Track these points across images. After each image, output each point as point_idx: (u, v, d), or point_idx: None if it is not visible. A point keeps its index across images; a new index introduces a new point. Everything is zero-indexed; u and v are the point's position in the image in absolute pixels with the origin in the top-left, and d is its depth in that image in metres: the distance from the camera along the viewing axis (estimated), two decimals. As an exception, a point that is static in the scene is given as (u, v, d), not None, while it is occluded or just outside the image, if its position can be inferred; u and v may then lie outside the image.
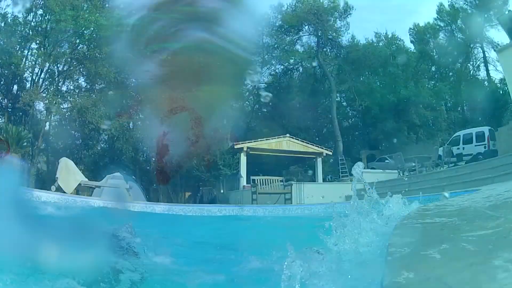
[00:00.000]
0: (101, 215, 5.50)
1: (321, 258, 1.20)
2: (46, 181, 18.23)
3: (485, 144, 15.17)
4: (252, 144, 15.85)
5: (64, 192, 8.15)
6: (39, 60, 19.08)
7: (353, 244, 1.28)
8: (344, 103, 30.77)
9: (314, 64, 26.95)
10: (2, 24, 18.71)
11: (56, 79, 20.45)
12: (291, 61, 28.65)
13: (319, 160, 17.33)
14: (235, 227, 5.49)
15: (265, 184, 11.45)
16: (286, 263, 1.12)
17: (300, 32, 26.83)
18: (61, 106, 20.26)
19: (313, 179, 19.37)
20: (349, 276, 1.15)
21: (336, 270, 1.16)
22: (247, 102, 31.48)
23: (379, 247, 1.17)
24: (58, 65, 20.54)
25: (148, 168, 22.44)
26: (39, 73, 19.64)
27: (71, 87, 21.41)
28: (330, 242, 1.39)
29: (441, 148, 14.33)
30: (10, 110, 19.32)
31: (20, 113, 19.07)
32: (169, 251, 2.70)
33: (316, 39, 26.43)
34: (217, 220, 6.02)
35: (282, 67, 29.39)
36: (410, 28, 31.92)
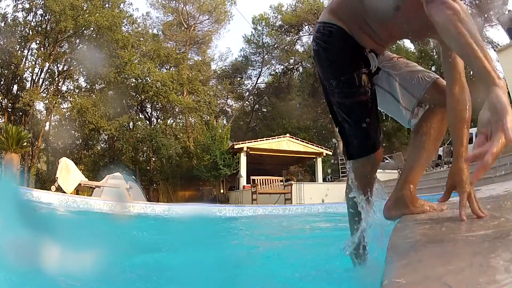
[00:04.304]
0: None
1: None
2: (46, 181, 18.25)
3: (485, 144, 15.14)
4: (252, 144, 15.85)
5: (64, 192, 8.15)
6: (39, 60, 19.09)
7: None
8: (344, 103, 30.77)
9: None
10: (2, 24, 18.72)
11: (56, 79, 20.46)
12: (291, 61, 28.67)
13: (319, 160, 17.33)
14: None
15: (265, 184, 11.44)
16: None
17: (300, 32, 26.85)
18: (61, 106, 20.28)
19: (313, 179, 19.38)
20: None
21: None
22: (247, 102, 31.54)
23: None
24: (58, 65, 20.56)
25: (148, 168, 22.48)
26: (39, 73, 19.65)
27: (71, 87, 21.44)
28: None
29: (441, 148, 14.32)
30: (10, 110, 19.32)
31: (20, 113, 19.07)
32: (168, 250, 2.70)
33: (316, 39, 26.45)
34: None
35: (282, 67, 29.43)
36: (410, 28, 31.95)
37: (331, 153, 18.37)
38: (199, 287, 1.66)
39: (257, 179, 11.03)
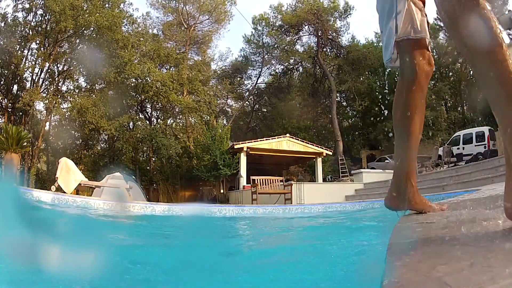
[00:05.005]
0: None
1: None
2: (46, 181, 18.25)
3: (485, 144, 15.18)
4: (252, 144, 15.85)
5: (64, 192, 8.15)
6: (39, 60, 19.09)
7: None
8: (344, 103, 30.80)
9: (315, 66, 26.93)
10: (2, 24, 18.72)
11: (56, 79, 20.46)
12: (291, 61, 28.67)
13: (319, 160, 17.33)
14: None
15: (265, 184, 11.44)
16: None
17: (300, 32, 26.85)
18: (61, 106, 20.27)
19: (313, 179, 19.38)
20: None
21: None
22: (247, 102, 31.54)
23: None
24: (58, 65, 20.56)
25: (148, 168, 22.48)
26: (39, 73, 19.65)
27: (71, 87, 21.44)
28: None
29: (441, 148, 14.34)
30: (10, 110, 19.32)
31: (20, 113, 19.07)
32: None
33: (316, 39, 26.45)
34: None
35: (282, 67, 29.42)
36: (410, 28, 31.99)
37: (331, 153, 18.37)
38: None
39: (257, 179, 11.03)
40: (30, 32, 19.19)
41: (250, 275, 1.85)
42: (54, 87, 20.19)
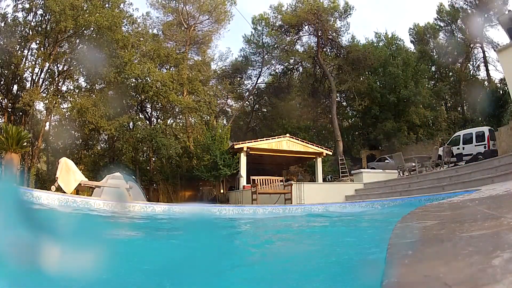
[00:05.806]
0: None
1: None
2: (46, 181, 18.25)
3: (485, 144, 15.18)
4: (252, 144, 15.85)
5: (64, 192, 8.14)
6: (39, 60, 19.07)
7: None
8: (344, 103, 30.80)
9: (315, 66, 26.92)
10: (2, 24, 18.70)
11: (56, 79, 20.45)
12: (291, 61, 28.66)
13: (319, 160, 17.34)
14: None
15: (265, 184, 11.44)
16: None
17: (300, 32, 26.84)
18: (61, 106, 20.25)
19: (313, 179, 19.38)
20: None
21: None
22: (247, 102, 31.53)
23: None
24: (58, 65, 20.55)
25: (148, 168, 22.47)
26: (39, 73, 19.63)
27: (71, 87, 21.42)
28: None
29: (441, 148, 14.33)
30: (10, 110, 19.31)
31: (20, 113, 19.06)
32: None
33: (316, 39, 26.44)
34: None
35: (282, 67, 29.42)
36: (410, 28, 32.10)
37: (331, 153, 18.37)
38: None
39: (257, 179, 11.02)
40: (30, 32, 19.16)
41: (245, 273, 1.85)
42: (54, 87, 20.18)
